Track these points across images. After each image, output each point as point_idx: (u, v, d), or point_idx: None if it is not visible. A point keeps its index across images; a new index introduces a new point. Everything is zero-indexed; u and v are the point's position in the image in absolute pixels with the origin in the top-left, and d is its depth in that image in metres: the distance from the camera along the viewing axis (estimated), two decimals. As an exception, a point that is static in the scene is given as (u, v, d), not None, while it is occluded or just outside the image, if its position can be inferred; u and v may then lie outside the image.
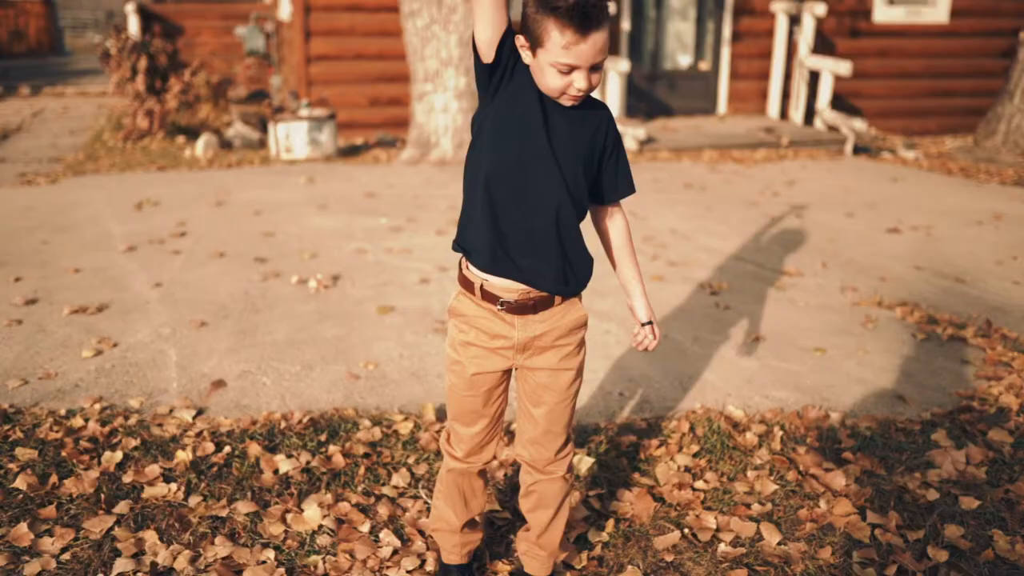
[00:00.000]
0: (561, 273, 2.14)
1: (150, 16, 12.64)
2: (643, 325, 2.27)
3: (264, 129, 9.09)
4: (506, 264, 2.10)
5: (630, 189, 2.23)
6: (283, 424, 3.29)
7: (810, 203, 7.04)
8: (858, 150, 9.52)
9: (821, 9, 9.69)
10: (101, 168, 7.79)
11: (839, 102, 10.45)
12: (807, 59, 9.92)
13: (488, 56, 2.01)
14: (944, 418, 3.62)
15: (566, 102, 2.03)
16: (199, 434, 3.20)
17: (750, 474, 3.14)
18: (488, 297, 2.14)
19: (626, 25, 10.01)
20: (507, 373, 2.26)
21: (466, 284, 2.17)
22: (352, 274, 4.96)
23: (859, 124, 9.38)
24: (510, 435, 3.30)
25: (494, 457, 2.38)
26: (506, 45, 2.00)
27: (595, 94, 9.29)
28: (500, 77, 2.03)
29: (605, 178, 2.19)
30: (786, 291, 4.99)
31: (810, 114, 10.22)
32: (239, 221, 5.96)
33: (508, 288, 2.12)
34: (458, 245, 2.19)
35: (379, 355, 3.94)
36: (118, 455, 3.02)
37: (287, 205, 6.41)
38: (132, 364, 3.77)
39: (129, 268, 4.96)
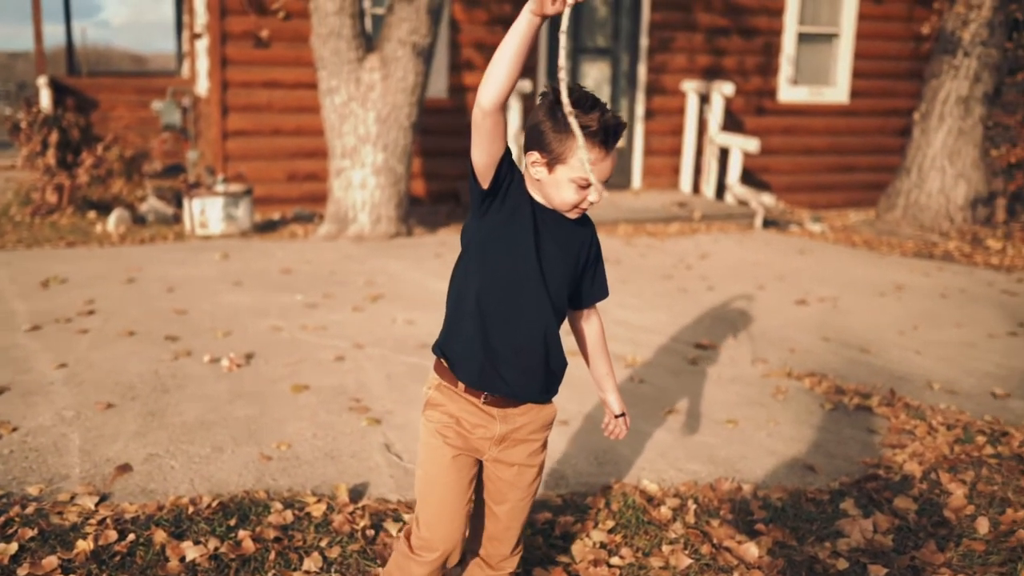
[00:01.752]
0: (544, 383, 2.25)
1: (63, 89, 12.48)
2: (617, 417, 2.42)
3: (179, 204, 8.98)
4: (493, 378, 2.17)
5: (605, 293, 2.35)
6: (191, 509, 3.19)
7: (722, 276, 7.22)
8: (767, 223, 9.83)
9: (729, 89, 10.06)
10: (6, 244, 7.59)
11: (749, 177, 10.79)
12: (717, 136, 10.26)
13: (485, 180, 2.05)
14: (852, 487, 3.70)
15: (573, 215, 2.13)
16: (102, 522, 3.08)
17: (665, 548, 3.15)
18: (472, 392, 2.20)
19: (542, 103, 10.24)
20: (477, 467, 2.29)
21: (449, 379, 2.22)
22: (266, 352, 4.89)
23: (768, 198, 9.69)
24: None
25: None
26: (503, 167, 2.04)
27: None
28: (494, 197, 2.08)
29: (584, 285, 2.30)
30: (699, 364, 5.08)
31: (721, 189, 10.53)
32: (150, 298, 5.84)
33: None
34: (440, 352, 2.24)
35: (292, 435, 3.88)
36: (13, 547, 2.89)
37: (201, 282, 6.31)
38: (32, 449, 3.63)
39: (32, 348, 4.81)
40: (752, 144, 9.76)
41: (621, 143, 9.58)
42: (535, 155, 2.07)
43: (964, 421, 4.41)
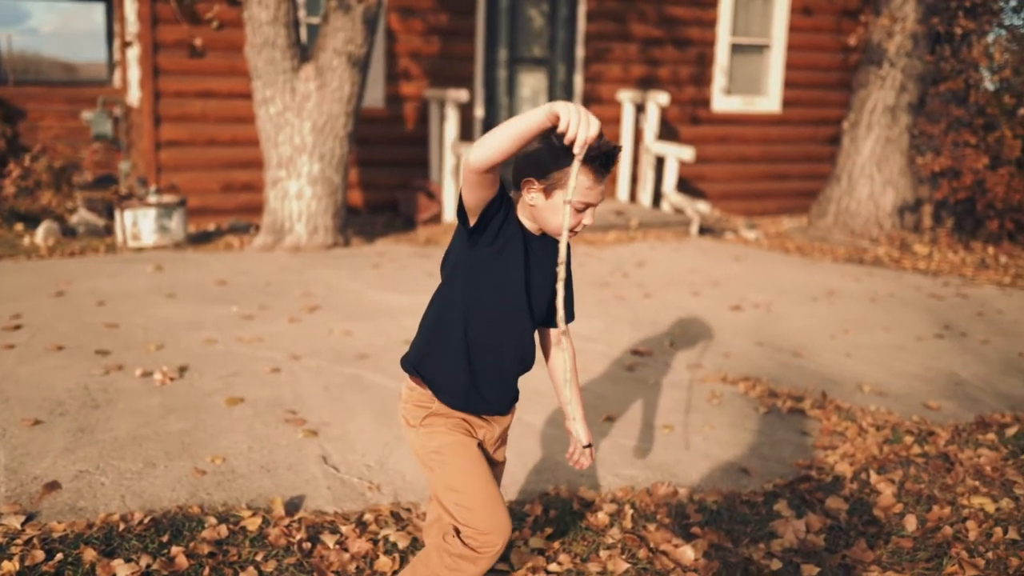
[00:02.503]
0: (515, 396, 2.39)
1: (-12, 100, 12.16)
2: (584, 447, 2.46)
3: (111, 216, 8.81)
4: (476, 400, 2.26)
5: (572, 317, 2.40)
6: (122, 526, 3.13)
7: (659, 283, 7.30)
8: (703, 231, 9.96)
9: (664, 98, 10.18)
10: (-70, 258, 7.37)
11: (685, 185, 10.93)
12: (653, 145, 10.38)
13: (472, 217, 2.11)
14: (785, 488, 3.77)
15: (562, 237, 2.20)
16: (28, 541, 3.01)
17: (603, 554, 3.18)
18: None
19: (480, 112, 10.26)
20: None
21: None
22: (200, 365, 4.82)
23: (703, 206, 9.83)
24: (362, 525, 3.25)
25: None
26: (491, 208, 2.08)
27: (449, 180, 9.28)
28: (482, 233, 2.13)
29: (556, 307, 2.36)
30: (635, 370, 5.13)
31: (658, 197, 10.65)
32: (80, 312, 5.72)
33: None
34: (415, 370, 2.28)
35: (227, 449, 3.82)
36: (-65, 569, 2.81)
37: (133, 294, 6.20)
38: (-44, 468, 3.53)
39: (-44, 365, 4.68)
40: (687, 153, 9.89)
41: (558, 152, 9.54)
42: (532, 181, 2.11)
43: (893, 422, 4.52)
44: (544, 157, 2.08)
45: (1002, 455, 4.17)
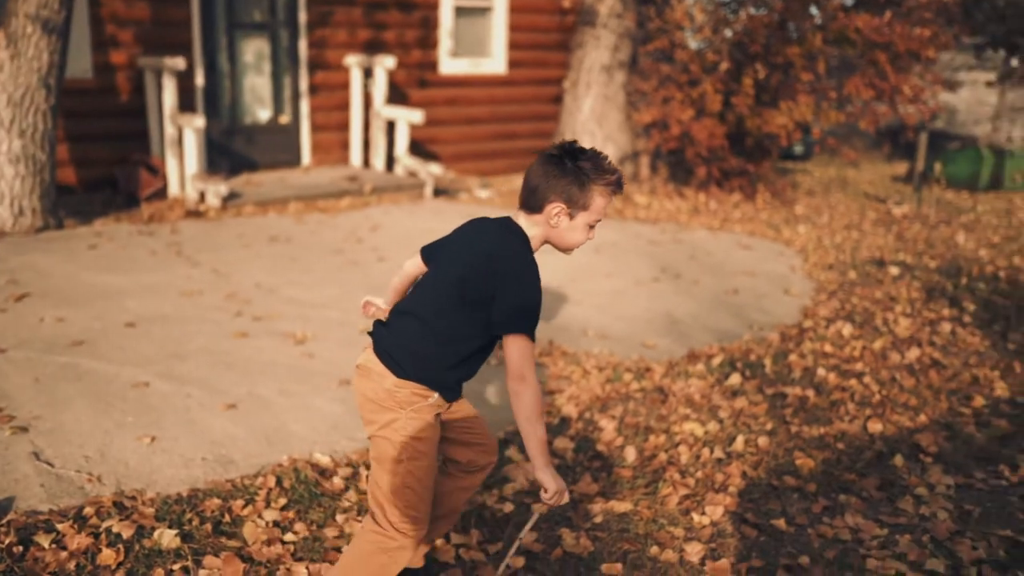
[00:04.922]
0: None
1: None
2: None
3: None
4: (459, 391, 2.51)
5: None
6: None
7: (393, 246, 7.33)
8: (438, 192, 10.09)
9: (391, 62, 10.16)
10: None
11: (417, 148, 11.00)
12: (382, 109, 10.35)
13: None
14: (516, 435, 3.93)
15: (570, 252, 2.51)
16: None
17: (339, 518, 3.18)
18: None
19: (200, 80, 9.79)
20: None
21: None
22: None
23: (436, 168, 9.94)
24: (82, 520, 3.07)
25: None
26: None
27: (171, 153, 8.82)
28: None
29: None
30: (371, 333, 5.13)
31: (391, 161, 10.66)
32: None
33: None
34: (421, 382, 2.37)
35: (-80, 456, 3.47)
36: None
37: None
38: None
39: None
40: (416, 116, 9.95)
41: (287, 119, 9.32)
42: (559, 206, 2.37)
43: (614, 362, 4.81)
44: (572, 186, 2.36)
45: (709, 383, 4.56)
